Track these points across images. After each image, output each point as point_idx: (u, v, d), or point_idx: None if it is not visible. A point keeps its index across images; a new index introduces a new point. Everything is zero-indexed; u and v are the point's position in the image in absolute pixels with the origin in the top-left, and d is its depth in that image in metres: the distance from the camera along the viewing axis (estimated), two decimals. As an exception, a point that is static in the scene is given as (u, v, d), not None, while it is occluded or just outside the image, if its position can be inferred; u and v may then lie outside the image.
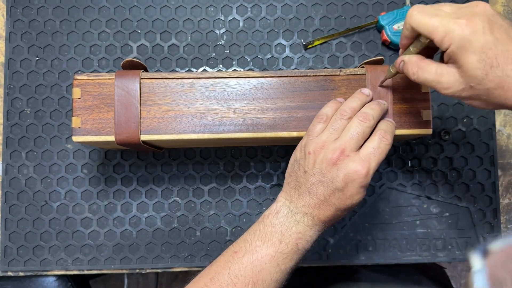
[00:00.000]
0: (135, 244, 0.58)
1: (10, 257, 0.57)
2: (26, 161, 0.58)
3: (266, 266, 0.41)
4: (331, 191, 0.41)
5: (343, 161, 0.40)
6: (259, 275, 0.41)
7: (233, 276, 0.41)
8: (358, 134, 0.41)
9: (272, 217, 0.43)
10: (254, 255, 0.41)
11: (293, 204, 0.43)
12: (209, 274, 0.42)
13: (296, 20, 0.60)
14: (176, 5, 0.60)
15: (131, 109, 0.45)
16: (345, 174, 0.40)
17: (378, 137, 0.41)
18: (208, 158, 0.59)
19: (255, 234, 0.43)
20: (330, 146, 0.41)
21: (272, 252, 0.41)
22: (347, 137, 0.41)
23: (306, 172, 0.42)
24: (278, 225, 0.42)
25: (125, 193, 0.58)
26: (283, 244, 0.41)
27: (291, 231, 0.42)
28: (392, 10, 0.59)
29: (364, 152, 0.41)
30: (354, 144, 0.41)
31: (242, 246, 0.42)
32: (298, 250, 0.42)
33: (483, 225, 0.59)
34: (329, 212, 0.42)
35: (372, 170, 0.40)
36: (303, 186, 0.42)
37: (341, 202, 0.41)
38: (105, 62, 0.59)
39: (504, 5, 0.61)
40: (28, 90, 0.58)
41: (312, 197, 0.42)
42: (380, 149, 0.41)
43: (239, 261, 0.41)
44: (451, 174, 0.59)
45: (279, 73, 0.46)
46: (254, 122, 0.46)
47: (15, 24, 0.59)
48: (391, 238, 0.58)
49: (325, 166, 0.41)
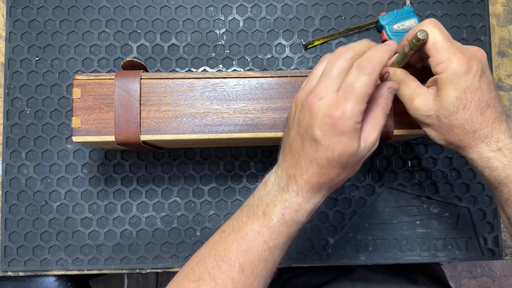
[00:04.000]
0: (135, 244, 0.58)
1: (10, 257, 0.57)
2: (26, 161, 0.58)
3: (252, 244, 0.36)
4: (309, 143, 0.35)
5: (316, 105, 0.34)
6: (245, 255, 0.36)
7: (218, 258, 0.37)
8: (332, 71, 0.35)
9: (261, 188, 0.38)
10: (239, 232, 0.37)
11: (280, 168, 0.38)
12: (197, 256, 0.39)
13: (296, 20, 0.60)
14: (176, 5, 0.60)
15: (131, 109, 0.45)
16: (319, 120, 0.34)
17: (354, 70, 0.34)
18: (208, 158, 0.59)
19: (243, 209, 0.39)
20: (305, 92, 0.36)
21: (256, 227, 0.36)
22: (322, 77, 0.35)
23: (289, 128, 0.37)
24: (265, 195, 0.37)
25: (125, 193, 0.58)
26: (267, 216, 0.36)
27: (276, 200, 0.37)
28: (392, 10, 0.59)
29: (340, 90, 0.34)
30: (330, 84, 0.34)
31: (230, 224, 0.39)
32: (286, 222, 0.37)
33: (483, 225, 0.59)
34: (311, 170, 0.35)
35: (350, 111, 0.33)
36: (286, 144, 0.37)
37: (320, 156, 0.34)
38: (105, 62, 0.59)
39: (504, 5, 0.61)
40: (28, 90, 0.58)
41: (293, 155, 0.36)
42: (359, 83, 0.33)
43: (225, 241, 0.37)
44: (451, 174, 0.59)
45: (279, 73, 0.46)
46: (254, 122, 0.46)
47: (15, 24, 0.59)
48: (391, 238, 0.58)
49: (301, 114, 0.35)
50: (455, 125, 0.38)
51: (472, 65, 0.36)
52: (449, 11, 0.60)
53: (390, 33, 0.58)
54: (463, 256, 0.58)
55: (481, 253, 0.58)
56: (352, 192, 0.59)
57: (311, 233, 0.58)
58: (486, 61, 0.38)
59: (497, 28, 0.61)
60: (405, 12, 0.58)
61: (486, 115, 0.38)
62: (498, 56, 0.60)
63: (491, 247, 0.59)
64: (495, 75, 0.60)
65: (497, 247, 0.59)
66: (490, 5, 0.61)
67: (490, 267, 1.35)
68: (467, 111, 0.37)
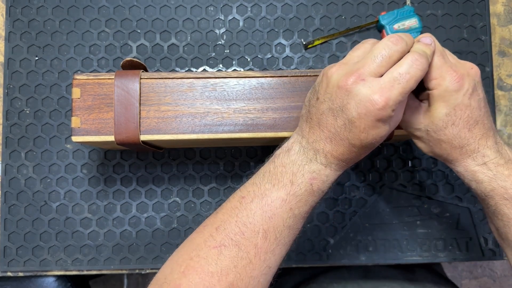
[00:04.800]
0: (134, 244, 0.58)
1: (10, 257, 0.57)
2: (26, 161, 0.58)
3: (278, 211, 0.37)
4: (342, 122, 0.35)
5: (357, 85, 0.34)
6: (270, 222, 0.36)
7: (241, 224, 0.37)
8: (382, 56, 0.34)
9: (283, 155, 0.38)
10: (263, 199, 0.37)
11: (305, 140, 0.38)
12: (214, 222, 0.38)
13: (296, 20, 0.60)
14: (176, 4, 0.60)
15: (131, 109, 0.45)
16: (357, 102, 0.34)
17: (410, 59, 0.34)
18: (208, 158, 0.58)
19: (264, 176, 0.38)
20: (346, 67, 0.35)
21: (283, 195, 0.37)
22: (367, 59, 0.35)
23: (318, 99, 0.37)
24: (289, 164, 0.37)
25: (125, 193, 0.58)
26: (295, 185, 0.37)
27: (304, 170, 0.37)
28: (392, 10, 0.59)
29: (386, 77, 0.34)
30: (376, 68, 0.34)
31: (251, 190, 0.38)
32: (313, 192, 0.37)
33: (483, 225, 0.59)
34: (342, 148, 0.36)
35: (393, 101, 0.33)
36: (314, 117, 0.37)
37: (354, 136, 0.35)
38: (105, 62, 0.59)
39: (504, 4, 0.61)
40: (27, 90, 0.58)
41: (322, 130, 0.36)
42: (410, 75, 0.34)
43: (247, 207, 0.37)
44: (452, 174, 0.59)
45: (279, 73, 0.46)
46: (254, 122, 0.46)
47: (15, 24, 0.59)
48: (391, 238, 0.58)
49: (336, 90, 0.35)
50: (444, 140, 0.39)
51: (463, 83, 0.37)
52: (450, 11, 0.60)
53: (390, 33, 0.57)
54: (463, 256, 0.58)
55: (481, 253, 0.58)
56: (352, 192, 0.59)
57: (311, 233, 0.58)
58: (479, 78, 0.39)
59: (497, 28, 0.61)
60: (406, 11, 0.58)
61: (474, 132, 0.39)
62: (499, 56, 0.60)
63: (491, 247, 0.59)
64: (495, 75, 0.60)
65: (498, 247, 0.58)
66: (491, 4, 0.61)
67: (490, 268, 1.35)
68: (455, 127, 0.38)
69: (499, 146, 0.40)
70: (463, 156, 0.39)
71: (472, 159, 0.39)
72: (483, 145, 0.39)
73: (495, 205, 0.40)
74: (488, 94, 0.59)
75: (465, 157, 0.39)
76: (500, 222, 0.40)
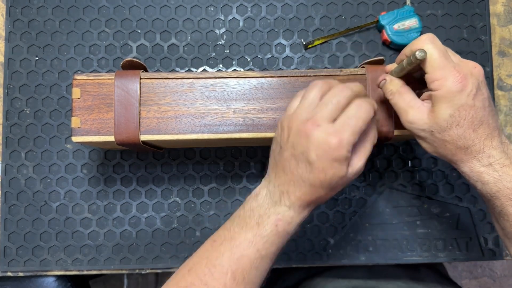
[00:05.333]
0: (134, 244, 0.58)
1: (10, 257, 0.57)
2: (26, 161, 0.58)
3: (245, 252, 0.38)
4: (304, 165, 0.38)
5: (314, 131, 0.37)
6: (238, 263, 0.38)
7: (210, 266, 0.39)
8: (332, 103, 0.37)
9: (251, 200, 0.41)
10: (232, 241, 0.39)
11: (272, 184, 0.40)
12: (187, 265, 0.41)
13: (296, 20, 0.60)
14: (176, 4, 0.60)
15: (131, 109, 0.45)
16: (316, 145, 0.37)
17: (354, 105, 0.38)
18: (208, 158, 0.58)
19: (234, 220, 0.41)
20: (302, 117, 0.38)
21: (250, 237, 0.39)
22: (321, 107, 0.38)
23: (281, 148, 0.39)
24: (257, 207, 0.40)
25: (125, 193, 0.58)
26: (261, 226, 0.39)
27: (269, 212, 0.39)
28: (392, 10, 0.59)
29: (338, 121, 0.37)
30: (328, 114, 0.37)
31: (221, 234, 0.40)
32: (279, 233, 0.39)
33: (483, 225, 0.59)
34: (304, 189, 0.38)
35: (346, 141, 0.36)
36: (279, 163, 0.40)
37: (314, 177, 0.37)
38: (105, 62, 0.59)
39: (504, 5, 0.61)
40: (27, 90, 0.58)
41: (286, 173, 0.39)
42: (356, 117, 0.37)
43: (217, 249, 0.39)
44: (452, 174, 0.59)
45: (279, 73, 0.46)
46: (254, 122, 0.46)
47: (15, 24, 0.59)
48: (391, 239, 0.58)
49: (296, 138, 0.38)
50: (448, 140, 0.40)
51: (467, 83, 0.38)
52: (450, 11, 0.60)
53: (390, 33, 0.57)
54: (463, 256, 0.58)
55: (481, 253, 0.58)
56: (352, 192, 0.59)
57: (311, 233, 0.58)
58: (482, 78, 0.39)
59: (497, 28, 0.61)
60: (406, 11, 0.58)
61: (478, 132, 0.39)
62: (499, 56, 0.60)
63: (491, 247, 0.59)
64: (495, 75, 0.60)
65: (498, 247, 0.58)
66: (491, 4, 0.61)
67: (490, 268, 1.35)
68: (460, 128, 0.39)
69: (504, 146, 0.40)
70: (468, 156, 0.40)
71: (478, 160, 0.40)
72: (488, 145, 0.39)
73: (501, 205, 0.40)
74: (488, 94, 0.59)
75: (471, 157, 0.40)
76: (506, 223, 0.41)
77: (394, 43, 0.58)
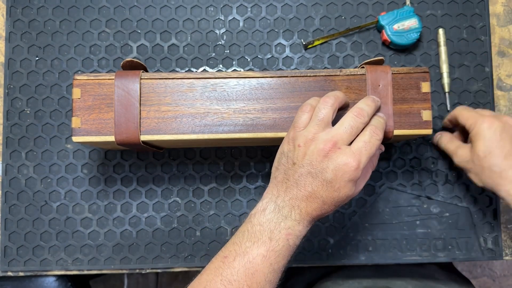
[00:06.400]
0: (135, 244, 0.58)
1: (10, 257, 0.57)
2: (26, 161, 0.58)
3: (259, 267, 0.39)
4: (320, 183, 0.40)
5: (335, 153, 0.40)
6: (253, 278, 0.39)
7: (226, 282, 0.39)
8: (352, 128, 0.41)
9: (259, 215, 0.42)
10: (245, 257, 0.40)
11: (280, 198, 0.42)
12: (200, 284, 0.41)
13: (296, 20, 0.60)
14: (176, 5, 0.60)
15: (131, 109, 0.45)
16: (335, 166, 0.40)
17: (369, 132, 0.42)
18: (208, 158, 0.59)
19: (243, 235, 0.41)
20: (322, 137, 0.41)
21: (263, 252, 0.40)
22: (340, 130, 0.41)
23: (295, 164, 0.41)
24: (266, 222, 0.41)
25: (125, 193, 0.58)
26: (273, 241, 0.40)
27: (280, 227, 0.41)
28: (392, 10, 0.59)
29: (355, 146, 0.41)
30: (347, 138, 0.41)
31: (232, 250, 0.41)
32: (290, 247, 0.41)
33: (483, 225, 0.59)
34: (315, 205, 0.41)
35: (363, 164, 0.40)
36: (291, 178, 0.41)
37: (328, 195, 0.40)
38: (105, 62, 0.59)
39: (504, 5, 0.61)
40: (28, 90, 0.58)
41: (299, 189, 0.41)
42: (371, 144, 0.41)
43: (230, 266, 0.40)
44: (451, 174, 0.59)
45: (279, 73, 0.46)
46: (254, 122, 0.46)
47: (15, 24, 0.59)
48: (391, 238, 0.58)
49: (316, 157, 0.40)
50: (485, 167, 0.50)
51: (493, 121, 0.49)
52: (449, 11, 0.60)
53: (390, 33, 0.58)
54: (463, 256, 0.58)
55: (481, 253, 0.58)
56: (352, 192, 0.59)
57: (311, 233, 0.58)
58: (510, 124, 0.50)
59: (497, 28, 0.61)
60: (405, 12, 0.58)
61: (509, 160, 0.49)
62: (498, 56, 0.60)
63: (491, 247, 0.59)
64: (495, 75, 0.60)
65: (497, 247, 0.59)
66: (490, 5, 0.61)
67: (490, 267, 1.35)
68: (492, 156, 0.49)
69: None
70: (504, 181, 0.49)
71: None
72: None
73: None
74: (488, 94, 0.59)
75: (506, 182, 0.49)
76: None
77: (393, 43, 0.58)
